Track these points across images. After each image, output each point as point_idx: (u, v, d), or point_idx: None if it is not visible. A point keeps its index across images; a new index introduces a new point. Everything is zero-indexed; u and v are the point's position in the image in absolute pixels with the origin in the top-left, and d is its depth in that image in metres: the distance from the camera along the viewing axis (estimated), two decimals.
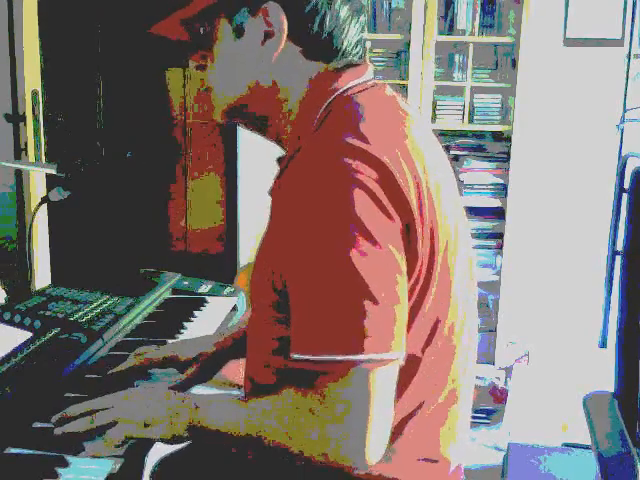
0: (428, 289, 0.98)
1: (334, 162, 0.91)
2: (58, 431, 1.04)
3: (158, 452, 1.23)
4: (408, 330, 0.96)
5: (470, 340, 1.10)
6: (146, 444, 1.05)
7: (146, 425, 1.01)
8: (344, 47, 1.05)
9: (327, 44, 1.03)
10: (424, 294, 0.98)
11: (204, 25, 1.06)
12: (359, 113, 0.98)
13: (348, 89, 1.03)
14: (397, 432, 1.01)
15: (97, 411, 1.04)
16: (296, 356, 0.92)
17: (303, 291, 0.93)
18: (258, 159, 3.44)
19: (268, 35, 1.02)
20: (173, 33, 1.11)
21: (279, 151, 1.14)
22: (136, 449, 1.04)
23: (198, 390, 1.26)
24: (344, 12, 1.03)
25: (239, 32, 1.03)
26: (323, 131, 0.98)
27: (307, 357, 0.91)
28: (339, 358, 0.89)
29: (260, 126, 1.11)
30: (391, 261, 0.91)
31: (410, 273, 0.95)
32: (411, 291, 0.96)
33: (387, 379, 0.92)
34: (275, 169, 1.08)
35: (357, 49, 1.07)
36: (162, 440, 1.03)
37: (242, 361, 1.21)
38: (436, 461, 1.06)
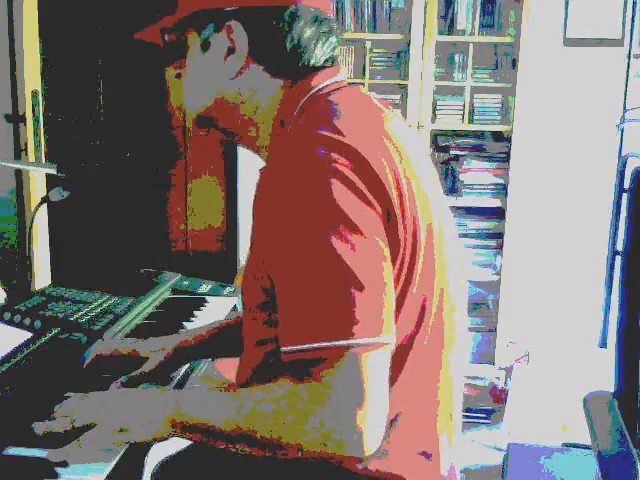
0: (412, 277, 0.99)
1: (309, 154, 0.94)
2: (38, 429, 1.04)
3: (158, 453, 1.23)
4: (396, 318, 0.96)
5: (460, 336, 1.11)
6: (145, 444, 1.05)
7: (122, 430, 1.00)
8: (310, 65, 1.08)
9: (291, 63, 1.07)
10: (409, 282, 0.99)
11: (177, 36, 1.12)
12: (333, 109, 1.01)
13: (322, 88, 1.07)
14: (390, 426, 1.00)
15: (78, 413, 1.04)
16: (286, 348, 0.92)
17: (289, 284, 0.93)
18: (258, 159, 3.44)
19: (231, 51, 1.07)
20: (153, 39, 1.17)
21: None
22: (136, 449, 1.04)
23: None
24: (308, 33, 1.07)
25: (205, 46, 1.09)
26: (297, 127, 1.01)
27: (297, 347, 0.91)
28: (329, 344, 0.89)
29: (228, 137, 1.17)
30: (374, 248, 0.92)
31: (394, 260, 0.96)
32: (396, 278, 0.97)
33: (380, 363, 0.92)
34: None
35: (327, 65, 1.10)
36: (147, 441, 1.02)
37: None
38: (430, 455, 1.06)
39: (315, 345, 0.90)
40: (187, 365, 1.38)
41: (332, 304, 0.90)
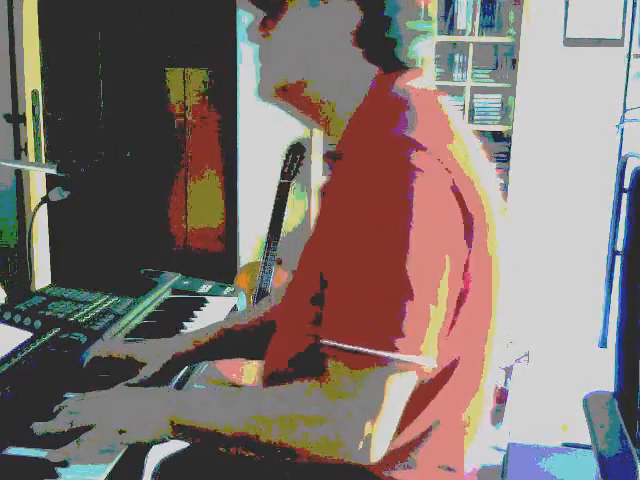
0: (466, 297, 0.96)
1: (395, 155, 0.91)
2: (38, 429, 1.03)
3: (159, 453, 1.23)
4: (447, 336, 0.94)
5: (496, 350, 1.10)
6: (145, 445, 1.05)
7: (122, 431, 1.00)
8: (403, 59, 1.06)
9: (385, 53, 1.05)
10: (464, 299, 0.96)
11: None
12: (415, 112, 0.98)
13: (405, 89, 1.03)
14: (422, 440, 1.00)
15: (77, 413, 1.03)
16: (327, 342, 0.91)
17: (344, 278, 0.91)
18: (258, 159, 3.44)
19: (336, 25, 1.03)
20: None
21: (280, 151, 1.14)
22: (136, 449, 1.04)
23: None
24: (408, 27, 1.05)
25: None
26: (382, 127, 0.96)
27: (337, 344, 0.89)
28: (365, 351, 0.87)
29: (294, 111, 1.11)
30: (440, 264, 0.90)
31: (457, 276, 0.93)
32: (457, 298, 0.94)
33: (405, 384, 0.90)
34: (276, 169, 1.08)
35: (417, 64, 1.08)
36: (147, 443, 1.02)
37: (241, 360, 1.20)
38: (453, 469, 1.06)
39: (351, 347, 0.88)
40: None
41: (380, 311, 0.88)
